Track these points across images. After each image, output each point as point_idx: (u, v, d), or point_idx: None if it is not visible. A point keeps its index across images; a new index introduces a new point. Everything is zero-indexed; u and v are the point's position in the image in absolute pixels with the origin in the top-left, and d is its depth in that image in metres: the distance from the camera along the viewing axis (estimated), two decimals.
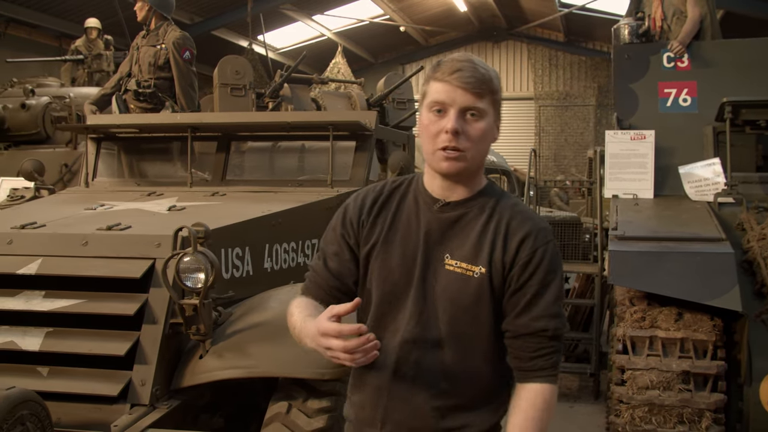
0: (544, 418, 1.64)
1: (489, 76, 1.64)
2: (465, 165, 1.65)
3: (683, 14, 5.25)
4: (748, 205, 4.15)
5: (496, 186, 1.77)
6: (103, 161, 4.74)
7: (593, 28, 17.69)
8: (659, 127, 4.85)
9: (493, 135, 1.69)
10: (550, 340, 1.66)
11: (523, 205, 1.77)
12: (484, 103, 1.63)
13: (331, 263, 1.79)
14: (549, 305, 1.66)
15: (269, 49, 14.01)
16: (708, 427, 3.36)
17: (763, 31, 10.27)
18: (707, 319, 3.51)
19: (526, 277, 1.65)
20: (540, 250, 1.66)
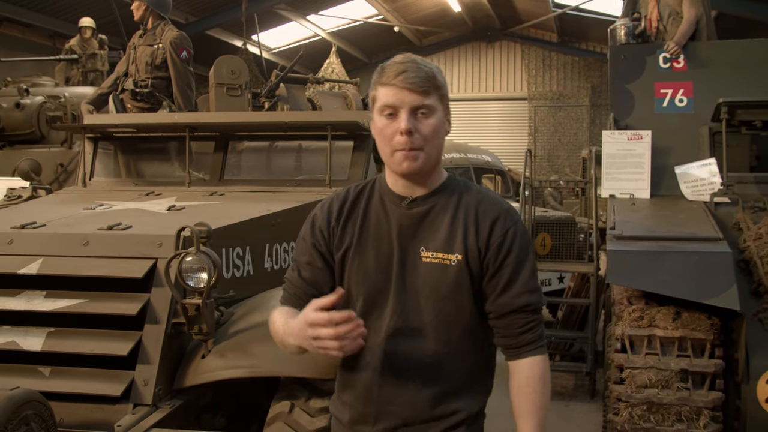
0: (545, 388, 1.74)
1: (432, 73, 1.72)
2: (423, 162, 1.70)
3: (679, 15, 5.28)
4: (743, 205, 4.17)
5: (457, 177, 1.84)
6: (100, 161, 4.73)
7: (587, 29, 17.75)
8: (655, 127, 4.86)
9: (445, 129, 1.75)
10: (533, 314, 1.74)
11: (486, 191, 1.84)
12: (431, 100, 1.69)
13: (305, 273, 1.85)
14: (527, 281, 1.74)
15: (263, 49, 14.01)
16: (706, 425, 3.37)
17: (755, 31, 10.37)
18: (705, 318, 3.52)
19: (503, 256, 1.73)
20: (511, 230, 1.74)
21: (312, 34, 17.26)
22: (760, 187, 4.46)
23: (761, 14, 10.41)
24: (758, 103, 4.46)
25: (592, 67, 19.08)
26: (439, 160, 1.77)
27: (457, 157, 10.12)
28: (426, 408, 1.75)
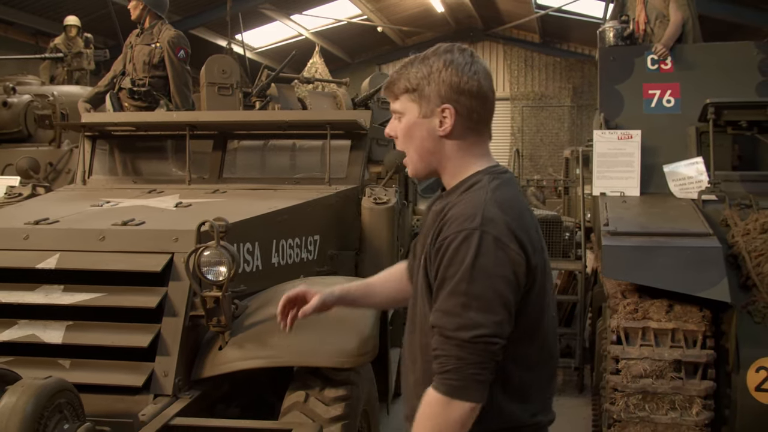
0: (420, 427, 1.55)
1: (399, 77, 1.67)
2: (410, 166, 1.72)
3: (666, 18, 5.43)
4: (730, 202, 4.31)
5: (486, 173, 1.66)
6: (97, 159, 4.77)
7: (568, 30, 17.98)
8: (644, 127, 4.98)
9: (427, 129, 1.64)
10: (441, 340, 1.52)
11: (481, 190, 1.61)
12: (399, 103, 1.68)
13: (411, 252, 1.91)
14: (443, 300, 1.52)
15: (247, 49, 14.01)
16: (698, 413, 3.50)
17: (736, 34, 10.62)
18: (696, 310, 3.65)
19: (435, 268, 1.57)
20: (449, 239, 1.54)
21: (296, 34, 17.30)
22: (745, 185, 4.61)
23: (740, 17, 10.67)
24: (744, 104, 4.61)
25: (573, 68, 19.32)
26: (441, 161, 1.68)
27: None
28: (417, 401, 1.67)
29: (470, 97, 1.63)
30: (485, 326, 1.48)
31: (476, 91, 1.63)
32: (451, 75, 1.62)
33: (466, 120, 1.64)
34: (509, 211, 1.57)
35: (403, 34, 19.86)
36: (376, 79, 8.27)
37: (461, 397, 1.48)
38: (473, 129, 1.67)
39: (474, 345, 1.47)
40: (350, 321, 2.76)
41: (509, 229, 1.53)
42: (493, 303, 1.49)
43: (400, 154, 5.11)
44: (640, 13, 5.57)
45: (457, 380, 1.48)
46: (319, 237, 4.07)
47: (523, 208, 1.65)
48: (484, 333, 1.47)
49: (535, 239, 1.61)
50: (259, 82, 7.07)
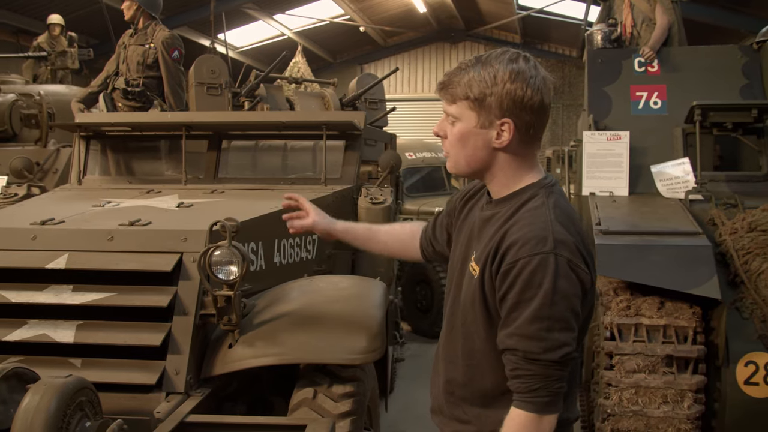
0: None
1: (458, 82, 1.63)
2: (452, 167, 1.71)
3: (652, 21, 5.54)
4: (716, 202, 4.43)
5: (538, 186, 1.67)
6: (90, 159, 4.78)
7: (549, 31, 18.14)
8: (631, 128, 5.08)
9: (482, 139, 1.64)
10: (525, 362, 1.54)
11: (542, 210, 1.61)
12: (453, 108, 1.64)
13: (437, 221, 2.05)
14: (524, 324, 1.53)
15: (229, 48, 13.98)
16: (690, 406, 3.60)
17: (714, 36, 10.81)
18: (687, 307, 3.75)
19: (505, 289, 1.57)
20: (521, 261, 1.54)
21: (278, 34, 17.29)
22: (730, 185, 4.74)
23: (718, 20, 10.89)
24: (729, 106, 4.73)
25: (553, 69, 19.46)
26: (491, 170, 1.69)
27: (429, 156, 10.27)
28: (444, 404, 1.80)
29: (531, 112, 1.60)
30: (569, 344, 1.54)
31: (538, 107, 1.61)
32: (516, 88, 1.58)
33: (524, 134, 1.63)
34: (571, 229, 1.60)
35: (385, 34, 19.92)
36: (363, 79, 8.32)
37: (551, 411, 1.55)
38: (528, 142, 1.66)
39: (561, 363, 1.54)
40: (359, 319, 2.82)
41: (577, 250, 1.57)
42: (571, 321, 1.55)
43: (395, 155, 5.18)
44: (626, 16, 5.68)
45: (547, 396, 1.54)
46: (317, 236, 4.11)
47: (577, 219, 1.68)
48: (569, 351, 1.54)
49: (590, 251, 1.65)
50: (248, 83, 7.10)
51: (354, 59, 21.00)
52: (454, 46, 20.56)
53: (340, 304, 2.93)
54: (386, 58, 21.00)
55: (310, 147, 5.10)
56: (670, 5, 5.50)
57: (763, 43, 5.17)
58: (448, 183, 10.31)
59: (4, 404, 2.07)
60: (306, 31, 17.77)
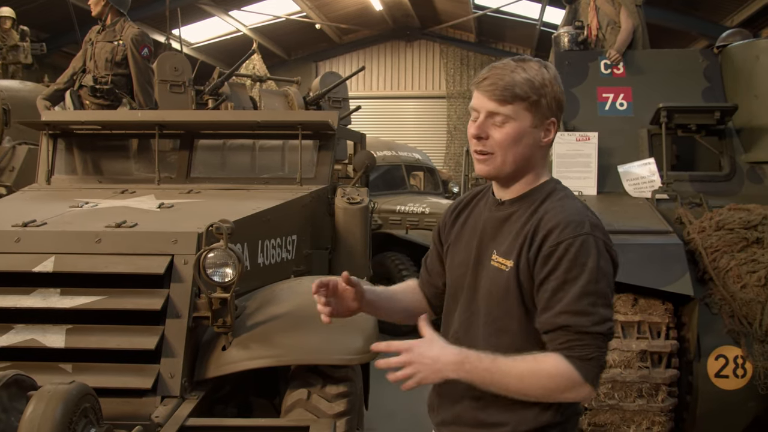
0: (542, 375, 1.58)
1: (513, 82, 1.66)
2: (494, 168, 1.71)
3: (617, 25, 5.67)
4: (681, 201, 4.58)
5: (554, 182, 1.78)
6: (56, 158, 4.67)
7: (504, 30, 18.37)
8: (598, 128, 5.17)
9: (534, 139, 1.70)
10: (577, 336, 1.58)
11: (570, 200, 1.73)
12: (507, 109, 1.66)
13: (428, 259, 2.03)
14: (572, 302, 1.58)
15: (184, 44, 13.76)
16: (663, 399, 3.73)
17: (666, 38, 11.13)
18: (659, 303, 3.87)
19: (548, 270, 1.62)
20: (564, 243, 1.61)
21: (233, 30, 17.10)
22: (694, 185, 4.89)
23: (670, 22, 11.22)
24: (693, 108, 4.88)
25: None
26: (527, 168, 1.74)
27: (389, 154, 10.32)
28: (469, 411, 1.76)
29: (563, 112, 1.75)
30: (611, 319, 1.62)
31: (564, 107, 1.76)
32: (558, 90, 1.71)
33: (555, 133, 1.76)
34: (596, 216, 1.71)
35: (341, 31, 19.88)
36: (326, 78, 8.33)
37: (593, 383, 1.60)
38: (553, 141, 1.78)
39: (607, 336, 1.61)
40: (353, 319, 2.82)
41: (606, 233, 1.68)
42: (610, 297, 1.64)
43: (369, 154, 5.20)
44: (592, 19, 5.80)
45: (597, 368, 1.59)
46: (296, 237, 4.11)
47: None
48: (612, 325, 1.62)
49: None
50: (211, 81, 7.03)
51: (309, 56, 20.91)
52: (410, 45, 20.65)
53: None
54: (341, 56, 20.97)
55: (279, 146, 5.08)
56: (635, 9, 5.64)
57: (723, 48, 5.35)
58: (408, 181, 10.38)
59: (5, 413, 2.03)
60: (261, 27, 17.63)
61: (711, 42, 11.22)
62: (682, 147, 5.34)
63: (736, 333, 3.74)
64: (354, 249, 4.46)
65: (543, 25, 15.85)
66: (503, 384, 1.59)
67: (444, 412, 1.84)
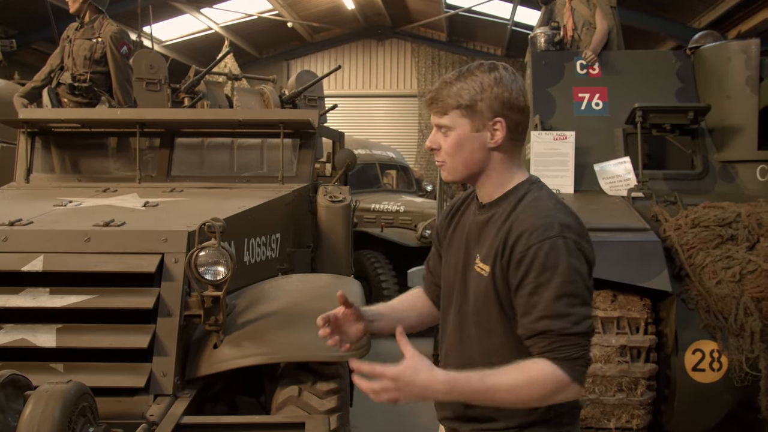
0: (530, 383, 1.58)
1: (447, 94, 1.74)
2: (449, 174, 1.79)
3: (592, 26, 5.78)
4: (657, 199, 4.68)
5: (528, 183, 1.79)
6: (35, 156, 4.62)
7: (475, 29, 18.48)
8: (575, 128, 5.26)
9: (479, 142, 1.74)
10: (559, 338, 1.60)
11: (540, 201, 1.73)
12: (446, 119, 1.75)
13: (430, 262, 2.08)
14: (548, 305, 1.60)
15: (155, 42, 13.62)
16: (643, 393, 3.82)
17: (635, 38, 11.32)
18: (638, 299, 3.96)
19: (520, 276, 1.65)
20: (533, 248, 1.63)
21: (205, 28, 16.95)
22: (668, 183, 5.01)
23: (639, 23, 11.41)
24: (668, 108, 5.00)
25: None
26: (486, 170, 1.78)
27: (363, 153, 10.35)
28: (462, 406, 1.80)
29: (517, 111, 1.75)
30: (589, 317, 1.64)
31: (522, 106, 1.75)
32: (502, 91, 1.72)
33: (513, 132, 1.76)
34: (571, 215, 1.72)
35: (313, 30, 19.83)
36: (302, 76, 8.33)
37: (580, 382, 1.62)
38: (516, 141, 1.79)
39: (588, 334, 1.63)
40: None
41: (580, 231, 1.69)
42: (587, 296, 1.66)
43: (350, 153, 5.23)
44: (567, 20, 5.90)
45: (582, 366, 1.62)
46: (280, 235, 4.12)
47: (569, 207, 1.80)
48: (591, 323, 1.64)
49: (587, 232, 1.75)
50: (187, 79, 7.00)
51: (280, 54, 20.83)
52: (381, 44, 20.68)
53: (322, 302, 2.95)
54: (313, 54, 20.93)
55: (258, 145, 5.09)
56: (609, 10, 5.75)
57: (696, 49, 5.48)
58: (382, 180, 10.43)
59: (2, 413, 2.02)
60: (233, 25, 17.52)
61: (679, 43, 11.46)
62: (652, 146, 5.45)
63: (712, 328, 3.83)
64: (336, 247, 4.49)
65: (514, 24, 16.00)
66: (496, 399, 1.60)
67: (445, 409, 1.89)
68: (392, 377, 1.54)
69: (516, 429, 1.75)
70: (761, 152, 4.92)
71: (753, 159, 4.94)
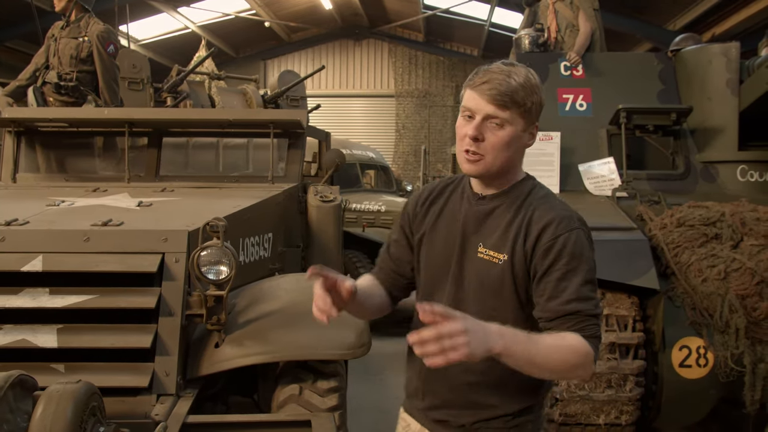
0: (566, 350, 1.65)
1: (514, 88, 1.72)
2: (483, 168, 1.78)
3: (575, 27, 5.86)
4: (641, 199, 4.77)
5: (532, 179, 1.87)
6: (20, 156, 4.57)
7: (452, 30, 18.60)
8: (559, 129, 5.34)
9: (522, 142, 1.79)
10: (586, 319, 1.71)
11: (552, 197, 1.85)
12: (507, 113, 1.72)
13: (392, 248, 2.04)
14: (577, 289, 1.70)
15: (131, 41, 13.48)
16: (631, 389, 3.89)
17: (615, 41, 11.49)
18: (626, 297, 4.03)
19: (549, 262, 1.72)
20: (562, 237, 1.73)
21: (182, 27, 16.85)
22: (651, 183, 5.11)
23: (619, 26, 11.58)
24: (652, 110, 5.10)
25: (456, 67, 19.97)
26: (511, 167, 1.83)
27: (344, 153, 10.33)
28: (463, 394, 1.85)
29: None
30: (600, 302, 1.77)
31: None
32: (541, 97, 1.79)
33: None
34: None
35: (290, 29, 19.80)
36: (284, 76, 8.32)
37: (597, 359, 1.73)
38: None
39: (600, 317, 1.76)
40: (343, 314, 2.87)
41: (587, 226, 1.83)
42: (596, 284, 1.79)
43: (339, 153, 5.25)
44: (551, 22, 5.97)
45: (599, 345, 1.74)
46: (272, 235, 4.13)
47: None
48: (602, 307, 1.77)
49: None
50: (169, 78, 6.96)
51: (257, 54, 20.77)
52: (358, 44, 20.72)
53: None
54: (290, 54, 20.90)
55: (243, 144, 5.08)
56: (593, 13, 5.84)
57: (678, 52, 5.58)
58: (362, 179, 10.45)
59: (11, 413, 2.01)
60: (210, 24, 17.44)
61: (655, 45, 11.65)
62: (632, 146, 5.54)
63: (698, 324, 3.92)
64: (327, 246, 4.50)
65: (491, 25, 16.12)
66: (534, 357, 1.61)
67: (433, 397, 1.90)
68: (461, 325, 1.47)
69: (512, 415, 1.83)
70: (742, 153, 5.04)
71: (734, 159, 5.05)
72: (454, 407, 1.88)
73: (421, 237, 1.95)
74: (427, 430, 1.94)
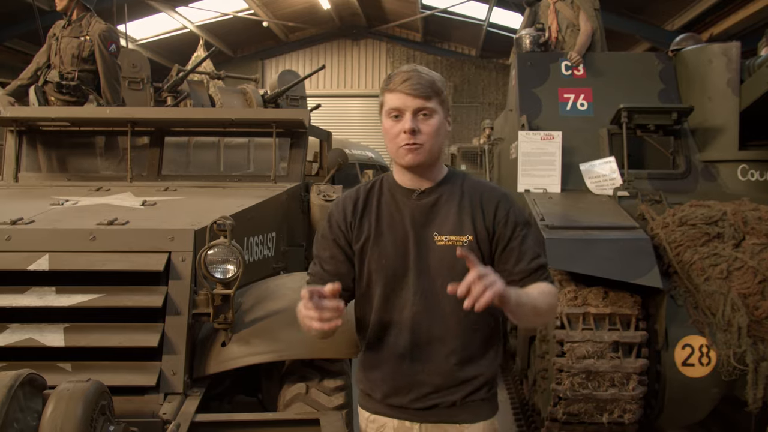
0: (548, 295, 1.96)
1: (432, 79, 1.94)
2: (425, 156, 1.93)
3: (576, 27, 5.87)
4: (642, 198, 4.78)
5: (454, 170, 2.12)
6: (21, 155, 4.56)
7: (450, 30, 18.61)
8: (560, 128, 5.35)
9: (445, 128, 1.98)
10: (543, 268, 2.02)
11: (484, 181, 2.14)
12: (432, 103, 1.92)
13: (327, 266, 2.06)
14: (533, 249, 2.01)
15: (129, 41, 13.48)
16: (634, 387, 3.89)
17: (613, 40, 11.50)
18: (628, 296, 4.04)
19: (509, 232, 1.99)
20: (511, 211, 2.02)
21: (180, 27, 16.83)
22: (652, 183, 5.12)
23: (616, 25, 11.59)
24: (653, 109, 5.10)
25: (453, 67, 19.97)
26: (440, 155, 2.00)
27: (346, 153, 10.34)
28: (451, 374, 1.98)
29: None
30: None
31: None
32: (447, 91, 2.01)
33: None
34: None
35: (288, 29, 19.79)
36: (284, 76, 8.32)
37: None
38: None
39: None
40: (350, 313, 2.88)
41: None
42: None
43: (341, 153, 5.25)
44: (552, 22, 5.99)
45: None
46: (275, 234, 4.13)
47: None
48: None
49: None
50: (170, 78, 6.96)
51: (255, 54, 20.75)
52: (356, 43, 20.71)
53: None
54: (288, 54, 20.89)
55: (244, 144, 5.08)
56: (593, 13, 5.85)
57: (678, 52, 5.59)
58: (361, 179, 10.45)
59: (21, 412, 2.01)
60: (208, 24, 17.42)
61: (654, 45, 11.67)
62: (632, 146, 5.55)
63: (700, 323, 3.93)
64: None
65: (489, 26, 16.13)
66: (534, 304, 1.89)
67: (420, 388, 2.00)
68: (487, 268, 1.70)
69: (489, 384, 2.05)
70: (742, 152, 5.05)
71: (734, 159, 5.06)
72: (444, 389, 2.00)
73: (362, 246, 2.02)
74: (408, 422, 2.03)
